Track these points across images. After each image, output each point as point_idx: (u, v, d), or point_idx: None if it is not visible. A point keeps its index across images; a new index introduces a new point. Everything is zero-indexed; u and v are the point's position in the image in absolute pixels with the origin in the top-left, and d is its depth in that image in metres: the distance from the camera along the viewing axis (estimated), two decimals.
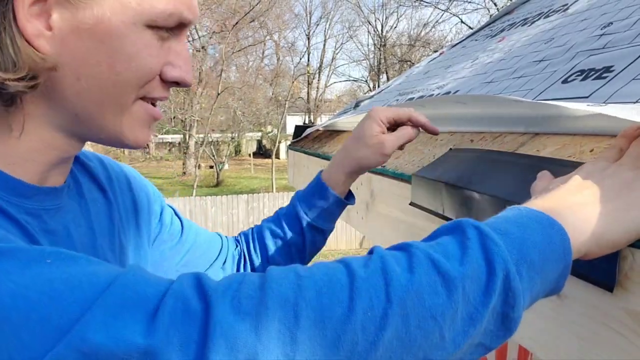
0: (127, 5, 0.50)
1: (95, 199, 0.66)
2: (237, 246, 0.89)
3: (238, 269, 0.86)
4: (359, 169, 0.79)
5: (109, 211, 0.67)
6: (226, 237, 0.90)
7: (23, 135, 0.52)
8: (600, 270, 0.44)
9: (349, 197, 0.84)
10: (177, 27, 0.55)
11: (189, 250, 0.80)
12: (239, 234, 0.91)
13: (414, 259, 0.38)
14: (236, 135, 21.48)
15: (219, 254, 0.84)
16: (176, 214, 0.83)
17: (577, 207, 0.43)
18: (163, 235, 0.78)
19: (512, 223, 0.41)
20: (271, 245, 0.84)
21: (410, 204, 0.85)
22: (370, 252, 0.41)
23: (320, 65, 25.33)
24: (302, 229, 0.82)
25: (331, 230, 0.85)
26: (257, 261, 0.85)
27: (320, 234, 0.83)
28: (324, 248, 0.90)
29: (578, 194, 0.44)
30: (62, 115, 0.53)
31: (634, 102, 0.57)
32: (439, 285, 0.37)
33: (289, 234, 0.83)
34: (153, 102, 0.57)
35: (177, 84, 0.57)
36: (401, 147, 0.78)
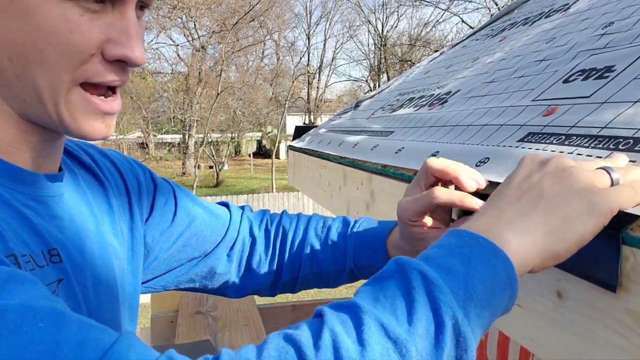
0: None
1: (91, 185, 0.65)
2: (263, 234, 0.81)
3: (257, 259, 0.80)
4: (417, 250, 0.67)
5: (106, 196, 0.67)
6: (242, 214, 0.82)
7: None
8: (603, 270, 0.44)
9: None
10: None
11: (182, 234, 0.76)
12: (278, 220, 0.82)
13: (364, 328, 0.37)
14: (236, 135, 21.49)
15: (222, 240, 0.79)
16: (174, 194, 0.78)
17: (517, 220, 0.42)
18: (155, 217, 0.74)
19: (455, 255, 0.40)
20: (307, 266, 0.78)
21: None
22: (318, 314, 0.39)
23: (321, 65, 25.35)
24: (344, 269, 0.76)
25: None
26: (288, 270, 0.79)
27: (355, 278, 0.78)
28: None
29: (518, 202, 0.43)
30: (14, 102, 0.51)
31: (635, 102, 0.57)
32: (392, 352, 0.36)
33: (329, 266, 0.76)
34: (100, 89, 0.52)
35: (123, 62, 0.51)
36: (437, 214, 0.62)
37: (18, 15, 0.47)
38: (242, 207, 0.85)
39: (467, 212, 0.61)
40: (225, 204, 0.84)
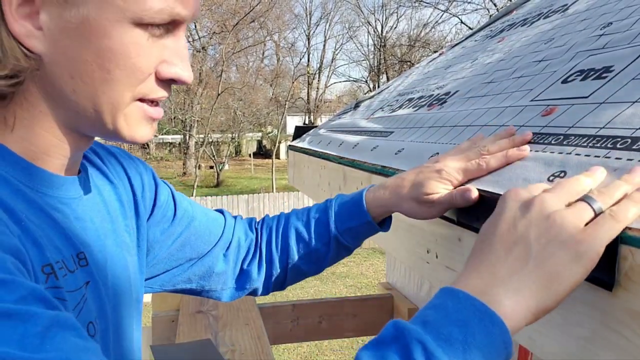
0: (111, 3, 0.49)
1: (103, 184, 0.68)
2: (253, 234, 0.85)
3: (248, 261, 0.83)
4: (404, 214, 0.73)
5: (117, 195, 0.69)
6: (235, 219, 0.86)
7: (37, 131, 0.54)
8: (600, 269, 0.44)
9: (385, 223, 0.78)
10: (171, 23, 0.53)
11: (181, 233, 0.78)
12: (261, 221, 0.87)
13: None
14: (236, 135, 21.48)
15: (219, 240, 0.81)
16: (172, 195, 0.80)
17: (509, 280, 0.43)
18: (156, 216, 0.76)
19: (453, 322, 0.41)
20: (294, 247, 0.81)
21: None
22: None
23: (320, 66, 25.34)
24: (329, 240, 0.78)
25: (357, 247, 0.81)
26: (277, 259, 0.82)
27: (345, 249, 0.80)
28: None
29: (507, 260, 0.44)
30: (66, 113, 0.54)
31: (633, 102, 0.57)
32: None
33: (314, 241, 0.79)
34: (153, 102, 0.57)
35: (174, 81, 0.56)
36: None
37: (88, 36, 0.50)
38: (235, 216, 0.89)
39: None
40: (220, 210, 0.87)
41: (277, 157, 20.56)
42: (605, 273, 0.43)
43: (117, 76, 0.52)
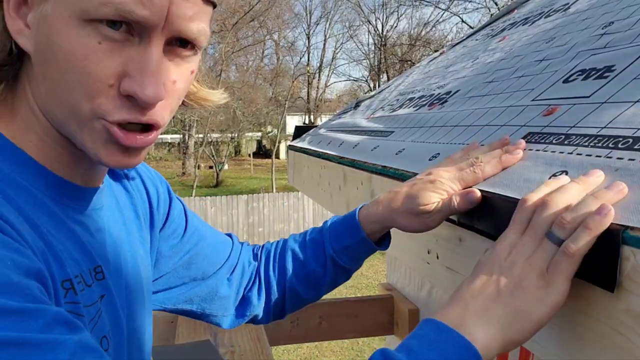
0: None
1: (120, 193, 0.67)
2: (255, 262, 0.84)
3: (249, 287, 0.82)
4: (399, 228, 0.71)
5: (133, 205, 0.69)
6: (242, 245, 0.85)
7: (45, 140, 0.53)
8: (603, 270, 0.44)
9: (383, 241, 0.76)
10: (132, 26, 0.47)
11: (189, 251, 0.78)
12: (262, 247, 0.86)
13: None
14: (236, 135, 21.47)
15: (225, 263, 0.80)
16: (185, 212, 0.80)
17: (483, 314, 0.48)
18: (167, 231, 0.76)
19: (434, 350, 0.45)
20: (290, 271, 0.79)
21: None
22: None
23: (320, 65, 25.35)
24: (325, 261, 0.76)
25: (356, 269, 0.78)
26: (274, 283, 0.81)
27: (342, 271, 0.77)
28: None
29: (478, 298, 0.49)
30: (52, 118, 0.52)
31: (635, 102, 0.57)
32: None
33: (311, 263, 0.78)
34: (122, 124, 0.50)
35: (134, 99, 0.49)
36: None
37: (48, 33, 0.48)
38: (242, 242, 0.88)
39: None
40: (229, 234, 0.86)
41: (277, 157, 20.56)
42: (606, 274, 0.43)
43: (69, 80, 0.48)
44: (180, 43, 0.51)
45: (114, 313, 0.57)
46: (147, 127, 0.52)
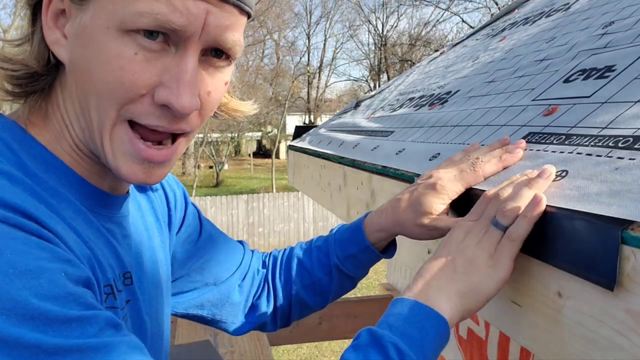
0: (103, 8, 0.47)
1: (142, 198, 0.68)
2: (263, 269, 0.85)
3: (258, 295, 0.82)
4: (403, 235, 0.71)
5: (153, 209, 0.70)
6: (252, 253, 0.86)
7: (73, 146, 0.53)
8: (603, 270, 0.44)
9: (388, 249, 0.76)
10: (169, 36, 0.48)
11: (202, 256, 0.78)
12: (270, 254, 0.86)
13: None
14: (236, 135, 21.48)
15: (237, 270, 0.81)
16: (199, 217, 0.81)
17: (443, 289, 0.54)
18: (182, 235, 0.77)
19: (412, 324, 0.52)
20: (296, 278, 0.80)
21: None
22: None
23: (321, 65, 25.33)
24: (330, 269, 0.77)
25: (362, 277, 0.79)
26: (280, 291, 0.81)
27: (348, 279, 0.77)
28: None
29: (439, 274, 0.55)
30: (80, 128, 0.53)
31: (636, 102, 0.57)
32: None
33: (316, 271, 0.78)
34: (156, 135, 0.51)
35: (168, 109, 0.49)
36: None
37: (85, 44, 0.48)
38: (252, 249, 0.89)
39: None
40: (240, 241, 0.87)
41: (277, 156, 20.56)
42: (606, 274, 0.43)
43: (101, 88, 0.48)
44: (215, 53, 0.51)
45: (139, 318, 0.58)
46: (174, 137, 0.52)
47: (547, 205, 0.51)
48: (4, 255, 0.40)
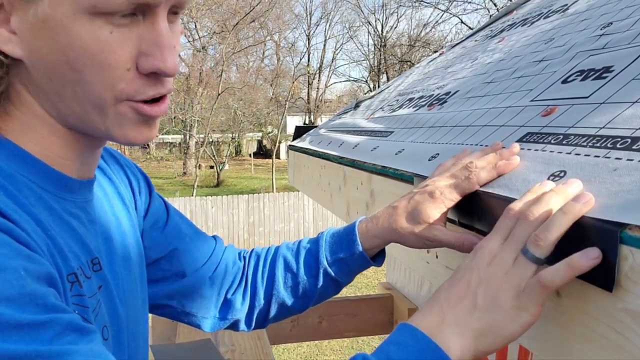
0: None
1: (107, 184, 0.67)
2: (241, 262, 0.82)
3: (233, 290, 0.80)
4: (398, 243, 0.70)
5: (119, 195, 0.69)
6: (226, 248, 0.84)
7: (43, 134, 0.52)
8: (601, 270, 0.44)
9: (378, 257, 0.75)
10: (138, 9, 0.47)
11: (170, 244, 0.76)
12: (252, 250, 0.84)
13: None
14: (236, 135, 21.49)
15: (207, 261, 0.79)
16: (165, 205, 0.79)
17: (458, 325, 0.49)
18: (148, 222, 0.75)
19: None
20: (280, 278, 0.77)
21: None
22: None
23: (321, 66, 25.33)
24: (317, 272, 0.75)
25: (347, 283, 0.77)
26: (261, 289, 0.79)
27: (334, 284, 0.75)
28: None
29: (456, 307, 0.50)
30: (61, 115, 0.52)
31: (633, 102, 0.57)
32: None
33: (302, 273, 0.76)
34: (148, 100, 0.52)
35: (156, 74, 0.50)
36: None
37: (52, 35, 0.47)
38: (227, 245, 0.87)
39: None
40: (213, 236, 0.85)
41: (277, 157, 20.56)
42: (605, 273, 0.43)
43: (87, 75, 0.48)
44: (173, 12, 0.52)
45: (112, 303, 0.57)
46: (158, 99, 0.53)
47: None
48: None
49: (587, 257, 0.43)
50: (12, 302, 0.39)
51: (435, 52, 2.30)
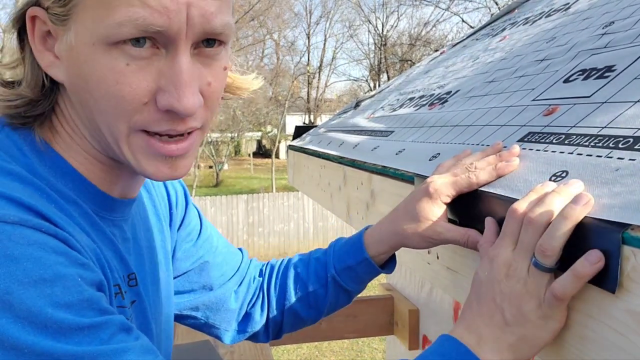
0: (85, 25, 0.47)
1: (145, 196, 0.68)
2: (260, 277, 0.84)
3: (252, 304, 0.82)
4: (404, 246, 0.70)
5: (154, 208, 0.70)
6: (251, 260, 0.85)
7: (87, 156, 0.54)
8: (603, 270, 0.43)
9: (388, 264, 0.75)
10: (155, 40, 0.47)
11: (201, 257, 0.78)
12: (267, 263, 0.86)
13: None
14: (236, 135, 21.47)
15: (234, 275, 0.81)
16: (200, 217, 0.81)
17: (495, 342, 0.51)
18: (182, 233, 0.77)
19: None
20: (291, 289, 0.78)
21: None
22: None
23: (321, 65, 25.32)
24: (326, 281, 0.75)
25: (358, 292, 0.78)
26: (274, 300, 0.80)
27: (344, 293, 0.76)
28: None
29: (490, 324, 0.51)
30: (95, 141, 0.54)
31: (635, 102, 0.57)
32: None
33: (312, 283, 0.77)
34: (164, 134, 0.51)
35: (170, 112, 0.49)
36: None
37: (77, 63, 0.48)
38: (251, 258, 0.88)
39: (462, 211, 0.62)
40: (239, 249, 0.87)
41: (277, 156, 20.56)
42: (607, 274, 0.43)
43: (103, 105, 0.48)
44: (207, 43, 0.50)
45: (144, 319, 0.59)
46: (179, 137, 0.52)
47: None
48: (20, 263, 0.41)
49: (590, 263, 0.44)
50: (72, 308, 0.42)
51: (436, 51, 2.30)
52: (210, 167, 20.69)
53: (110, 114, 0.49)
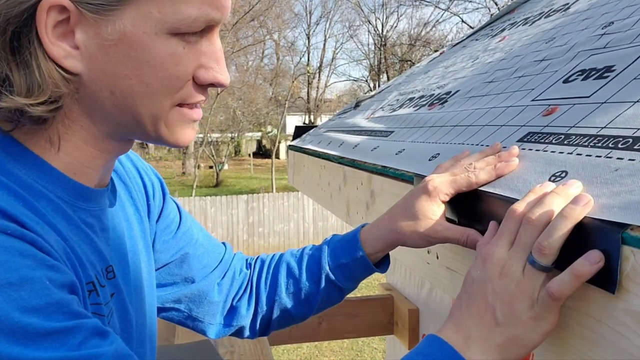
0: (148, 16, 0.49)
1: (121, 188, 0.68)
2: (248, 270, 0.83)
3: (239, 297, 0.81)
4: (402, 245, 0.70)
5: (132, 199, 0.69)
6: (235, 254, 0.85)
7: (78, 145, 0.54)
8: (603, 270, 0.44)
9: (382, 263, 0.75)
10: (205, 28, 0.53)
11: (181, 249, 0.77)
12: (257, 257, 0.85)
13: None
14: (236, 135, 21.48)
15: (216, 267, 0.80)
16: (178, 209, 0.80)
17: (483, 342, 0.50)
18: (161, 225, 0.76)
19: None
20: (282, 284, 0.78)
21: None
22: None
23: (320, 65, 25.32)
24: (319, 277, 0.75)
25: (351, 291, 0.77)
26: (264, 295, 0.79)
27: (337, 290, 0.75)
28: None
29: (479, 325, 0.51)
30: (108, 126, 0.54)
31: (635, 102, 0.57)
32: None
33: (304, 279, 0.76)
34: (192, 106, 0.57)
35: (212, 85, 0.56)
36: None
37: (126, 51, 0.50)
38: (235, 252, 0.88)
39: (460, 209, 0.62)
40: (223, 242, 0.86)
41: (277, 157, 20.56)
42: (606, 274, 0.43)
43: (156, 88, 0.52)
44: None
45: (124, 310, 0.58)
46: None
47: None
48: None
49: (590, 262, 0.44)
50: (40, 312, 0.41)
51: (436, 51, 2.30)
52: (211, 167, 20.69)
53: (160, 93, 0.52)
